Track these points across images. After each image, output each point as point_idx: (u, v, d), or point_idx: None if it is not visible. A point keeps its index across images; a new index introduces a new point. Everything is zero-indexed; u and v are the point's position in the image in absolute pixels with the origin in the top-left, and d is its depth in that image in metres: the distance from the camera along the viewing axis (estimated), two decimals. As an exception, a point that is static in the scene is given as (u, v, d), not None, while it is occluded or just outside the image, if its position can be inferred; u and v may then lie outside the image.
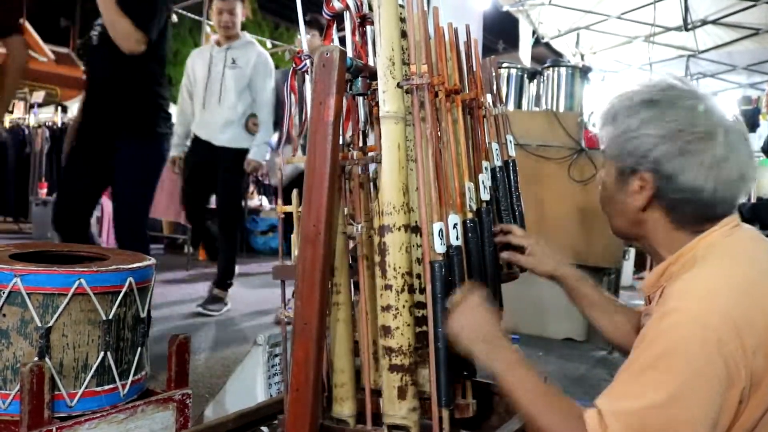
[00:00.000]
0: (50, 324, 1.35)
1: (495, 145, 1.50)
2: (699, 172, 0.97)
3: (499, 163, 1.51)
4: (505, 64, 4.31)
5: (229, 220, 3.87)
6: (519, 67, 4.43)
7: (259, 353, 1.85)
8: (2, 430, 1.34)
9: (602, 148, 1.11)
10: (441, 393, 1.09)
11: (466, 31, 1.45)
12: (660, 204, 1.03)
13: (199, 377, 2.62)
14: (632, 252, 5.72)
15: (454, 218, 1.17)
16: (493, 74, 1.60)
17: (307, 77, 1.29)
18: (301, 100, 1.33)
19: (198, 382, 2.53)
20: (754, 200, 3.68)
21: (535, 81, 4.36)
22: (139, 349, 1.53)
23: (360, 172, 1.26)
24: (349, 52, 1.24)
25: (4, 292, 1.34)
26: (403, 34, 1.22)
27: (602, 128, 1.10)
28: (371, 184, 1.28)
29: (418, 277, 1.24)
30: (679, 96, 1.02)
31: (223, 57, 3.71)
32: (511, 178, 1.56)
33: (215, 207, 4.06)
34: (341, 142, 1.22)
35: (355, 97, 1.28)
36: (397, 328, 1.12)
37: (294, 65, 1.31)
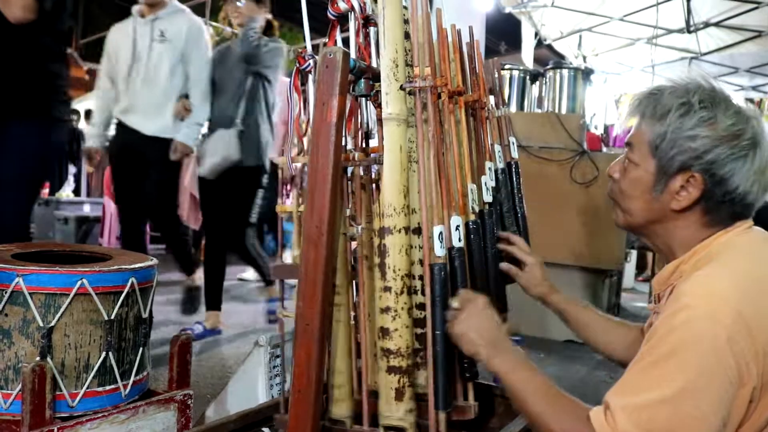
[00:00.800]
0: (52, 324, 1.35)
1: (498, 147, 1.51)
2: (748, 177, 1.00)
3: (502, 165, 1.51)
4: (507, 66, 4.31)
5: (170, 231, 3.39)
6: (521, 68, 4.44)
7: (261, 354, 1.84)
8: (4, 430, 1.34)
9: (634, 141, 1.08)
10: (438, 396, 1.09)
11: (469, 32, 1.45)
12: (703, 205, 1.03)
13: (200, 378, 2.63)
14: (634, 254, 5.71)
15: (457, 220, 1.17)
16: (496, 76, 1.61)
17: (311, 77, 1.29)
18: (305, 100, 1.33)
19: (199, 383, 2.54)
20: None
21: (538, 83, 4.36)
22: (141, 349, 1.53)
23: (362, 174, 1.26)
24: (353, 54, 1.24)
25: (6, 292, 1.34)
26: (407, 36, 1.22)
27: (644, 122, 1.06)
28: (373, 185, 1.28)
29: (420, 278, 1.24)
30: (729, 102, 1.03)
31: (149, 30, 3.14)
32: (514, 180, 1.56)
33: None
34: (343, 143, 1.22)
35: (358, 99, 1.28)
36: (396, 330, 1.12)
37: (297, 65, 1.31)
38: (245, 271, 5.02)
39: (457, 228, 1.17)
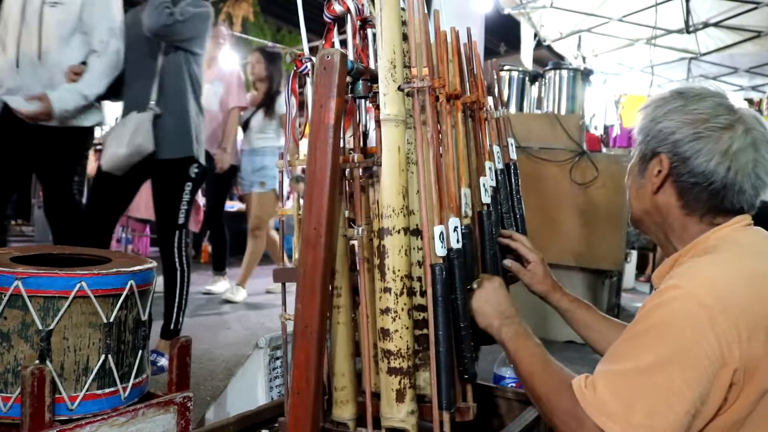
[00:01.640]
0: (51, 327, 1.35)
1: (496, 148, 1.50)
2: (712, 158, 1.02)
3: (501, 166, 1.51)
4: (506, 67, 4.32)
5: (67, 229, 2.66)
6: (520, 69, 4.44)
7: (261, 356, 1.84)
8: (3, 433, 1.34)
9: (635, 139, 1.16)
10: (442, 396, 1.09)
11: (468, 33, 1.45)
12: (673, 187, 1.07)
13: (200, 380, 2.63)
14: (634, 254, 5.71)
15: (454, 221, 1.17)
16: (495, 77, 1.61)
17: (308, 80, 1.29)
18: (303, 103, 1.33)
19: (199, 385, 2.54)
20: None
21: (537, 84, 4.37)
22: (140, 352, 1.52)
23: (360, 175, 1.26)
24: (350, 55, 1.24)
25: (5, 295, 1.34)
26: (404, 37, 1.22)
27: (637, 122, 1.15)
28: (372, 187, 1.28)
29: (419, 279, 1.23)
30: (709, 94, 1.07)
31: None
32: (513, 181, 1.56)
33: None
34: (342, 145, 1.22)
35: (356, 100, 1.28)
36: (396, 331, 1.12)
37: (295, 68, 1.31)
38: (214, 283, 4.65)
39: (455, 229, 1.17)
